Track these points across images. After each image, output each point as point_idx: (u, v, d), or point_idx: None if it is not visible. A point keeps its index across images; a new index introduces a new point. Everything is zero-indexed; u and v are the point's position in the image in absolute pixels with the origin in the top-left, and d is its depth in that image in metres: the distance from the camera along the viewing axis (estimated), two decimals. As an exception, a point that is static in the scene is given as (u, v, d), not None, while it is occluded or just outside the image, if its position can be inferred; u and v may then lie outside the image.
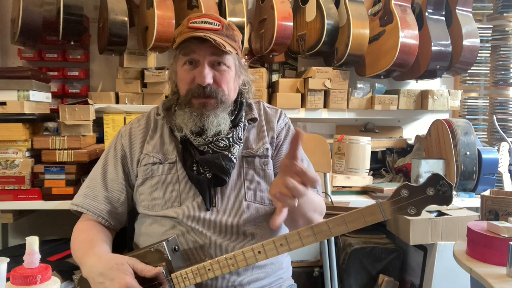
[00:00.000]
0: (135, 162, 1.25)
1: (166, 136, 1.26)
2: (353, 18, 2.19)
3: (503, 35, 2.57)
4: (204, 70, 1.15)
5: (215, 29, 1.17)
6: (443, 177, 0.93)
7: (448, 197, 0.93)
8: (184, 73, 1.20)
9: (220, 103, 1.18)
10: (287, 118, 1.36)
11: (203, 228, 1.16)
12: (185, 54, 1.18)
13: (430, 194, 0.93)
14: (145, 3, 2.12)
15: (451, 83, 2.71)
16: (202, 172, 1.18)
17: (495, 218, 1.42)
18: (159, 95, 2.23)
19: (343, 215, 0.97)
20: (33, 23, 2.01)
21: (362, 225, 0.97)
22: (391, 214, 0.95)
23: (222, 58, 1.18)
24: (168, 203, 1.19)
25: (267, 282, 1.22)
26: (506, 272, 1.14)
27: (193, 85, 1.18)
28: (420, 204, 0.94)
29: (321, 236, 0.99)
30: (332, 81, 2.30)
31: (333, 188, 2.12)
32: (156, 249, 1.06)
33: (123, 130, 1.31)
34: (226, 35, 1.19)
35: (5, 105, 1.78)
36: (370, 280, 2.08)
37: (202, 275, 1.04)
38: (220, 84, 1.18)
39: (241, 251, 1.02)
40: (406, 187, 0.94)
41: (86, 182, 1.29)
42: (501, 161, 2.21)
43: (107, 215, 1.23)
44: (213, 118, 1.17)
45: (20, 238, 2.32)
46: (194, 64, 1.18)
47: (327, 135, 2.50)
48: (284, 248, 1.00)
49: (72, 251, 1.20)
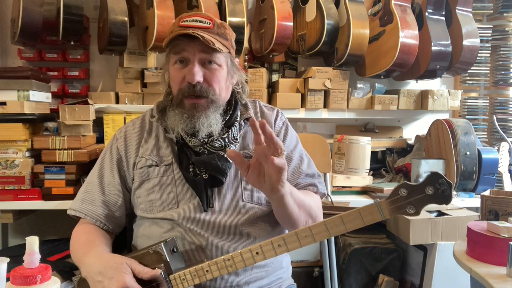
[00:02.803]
0: (131, 165, 1.25)
1: (161, 138, 1.25)
2: (353, 18, 2.19)
3: (503, 35, 2.57)
4: (194, 68, 1.14)
5: (205, 27, 1.16)
6: (442, 175, 0.92)
7: (447, 196, 0.91)
8: (175, 72, 1.19)
9: (211, 103, 1.17)
10: (284, 116, 1.35)
11: (201, 229, 1.16)
12: (176, 52, 1.17)
13: (429, 193, 0.92)
14: (145, 3, 2.12)
15: (451, 83, 2.71)
16: (198, 173, 1.17)
17: (495, 218, 1.42)
18: (159, 95, 2.21)
19: (341, 215, 0.97)
20: (33, 23, 2.01)
21: (360, 225, 0.96)
22: (390, 214, 0.94)
23: (212, 56, 1.16)
24: (165, 205, 1.19)
25: (266, 282, 1.22)
26: (506, 272, 1.13)
27: (183, 84, 1.17)
28: (419, 203, 0.93)
29: (319, 237, 0.99)
30: (332, 81, 2.30)
31: (333, 188, 2.12)
32: (154, 251, 1.06)
33: (118, 133, 1.31)
34: (217, 33, 1.18)
35: (5, 105, 1.78)
36: (370, 280, 2.08)
37: (201, 277, 1.04)
38: (210, 82, 1.17)
39: (239, 252, 1.02)
40: (404, 186, 0.93)
41: (83, 187, 1.29)
42: (501, 161, 2.21)
43: (104, 219, 1.23)
44: (204, 119, 1.16)
45: (20, 238, 2.32)
46: (185, 63, 1.17)
47: (327, 135, 2.50)
48: (282, 249, 1.00)
49: (71, 252, 1.20)
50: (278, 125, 1.31)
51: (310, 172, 1.30)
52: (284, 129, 1.31)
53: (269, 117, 1.31)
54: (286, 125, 1.33)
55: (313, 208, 1.20)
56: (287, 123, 1.34)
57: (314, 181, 1.30)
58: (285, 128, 1.32)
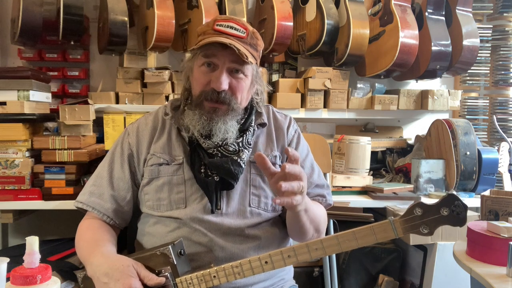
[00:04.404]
0: (142, 161, 1.25)
1: (174, 136, 1.25)
2: (353, 18, 2.19)
3: (503, 35, 2.57)
4: (222, 76, 1.14)
5: (240, 36, 1.15)
6: (458, 197, 0.92)
7: (462, 218, 0.92)
8: (200, 74, 1.18)
9: (231, 111, 1.17)
10: (296, 125, 1.35)
11: (207, 230, 1.16)
12: (206, 56, 1.16)
13: (444, 214, 0.92)
14: (145, 3, 2.12)
15: (451, 83, 2.71)
16: (209, 175, 1.17)
17: (495, 218, 1.42)
18: (159, 95, 2.23)
19: (353, 230, 0.97)
20: (33, 23, 2.01)
21: (372, 241, 0.96)
22: (403, 232, 0.94)
23: (242, 67, 1.16)
24: (173, 204, 1.19)
25: (269, 283, 1.22)
26: (506, 272, 1.13)
27: (207, 87, 1.16)
28: (433, 223, 0.93)
29: (330, 250, 0.99)
30: (332, 81, 2.30)
31: (333, 188, 2.12)
32: (162, 253, 1.06)
33: (130, 128, 1.30)
34: (250, 44, 1.17)
35: (5, 105, 1.78)
36: (370, 280, 2.08)
37: (207, 282, 1.04)
38: (235, 91, 1.17)
39: (248, 260, 1.02)
40: (419, 205, 0.93)
41: (91, 180, 1.28)
42: (501, 161, 2.21)
43: (112, 214, 1.23)
44: (222, 124, 1.16)
45: (20, 238, 2.32)
46: (212, 67, 1.16)
47: (327, 135, 2.50)
48: (291, 259, 1.00)
49: (76, 249, 1.20)
50: (290, 134, 1.31)
51: (320, 183, 1.31)
52: (296, 138, 1.31)
53: (282, 125, 1.30)
54: (298, 133, 1.33)
55: (321, 223, 1.21)
56: (299, 132, 1.34)
57: (323, 192, 1.31)
58: (297, 136, 1.32)
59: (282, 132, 1.29)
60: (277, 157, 1.25)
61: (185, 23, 2.15)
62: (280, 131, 1.29)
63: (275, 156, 1.25)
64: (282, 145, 1.28)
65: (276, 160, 1.25)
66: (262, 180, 1.22)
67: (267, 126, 1.28)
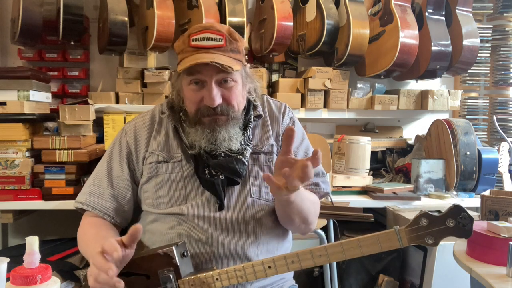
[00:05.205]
0: (141, 159, 1.25)
1: (171, 134, 1.25)
2: (353, 18, 2.19)
3: (503, 35, 2.57)
4: (213, 92, 1.12)
5: (218, 45, 1.13)
6: (464, 209, 0.93)
7: (468, 230, 0.92)
8: (191, 93, 1.17)
9: (231, 120, 1.17)
10: (291, 112, 1.34)
11: (208, 225, 1.16)
12: (190, 73, 1.14)
13: (450, 225, 0.92)
14: (145, 3, 2.12)
15: (451, 83, 2.71)
16: (214, 174, 1.17)
17: (495, 218, 1.42)
18: (159, 95, 2.23)
19: (358, 238, 0.97)
20: (33, 23, 2.01)
21: (377, 250, 0.96)
22: (409, 242, 0.95)
23: (229, 75, 1.15)
24: (173, 201, 1.19)
25: (269, 282, 1.22)
26: (506, 272, 1.13)
27: (201, 105, 1.16)
28: (439, 234, 0.93)
29: (334, 258, 0.99)
30: (332, 81, 2.30)
31: (333, 188, 2.12)
32: (165, 253, 1.05)
33: (127, 127, 1.30)
34: (231, 50, 1.16)
35: (5, 105, 1.78)
36: (370, 280, 2.08)
37: (209, 284, 1.04)
38: (229, 101, 1.16)
39: (251, 264, 1.02)
40: (425, 216, 0.94)
41: (90, 180, 1.28)
42: (501, 161, 2.21)
43: (113, 213, 1.23)
44: (224, 133, 1.15)
45: (20, 238, 2.32)
46: (201, 84, 1.15)
47: (327, 135, 2.50)
48: (295, 265, 1.00)
49: (80, 246, 1.20)
50: (285, 121, 1.30)
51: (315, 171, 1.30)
52: (290, 125, 1.31)
53: (276, 113, 1.30)
54: (293, 121, 1.32)
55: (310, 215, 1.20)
56: (294, 119, 1.33)
57: (317, 181, 1.30)
58: (292, 123, 1.31)
59: (277, 120, 1.29)
60: (273, 146, 1.25)
61: (185, 23, 2.15)
62: (275, 119, 1.29)
63: (272, 145, 1.25)
64: (277, 130, 1.27)
65: (273, 148, 1.25)
66: (261, 170, 1.22)
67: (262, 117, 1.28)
